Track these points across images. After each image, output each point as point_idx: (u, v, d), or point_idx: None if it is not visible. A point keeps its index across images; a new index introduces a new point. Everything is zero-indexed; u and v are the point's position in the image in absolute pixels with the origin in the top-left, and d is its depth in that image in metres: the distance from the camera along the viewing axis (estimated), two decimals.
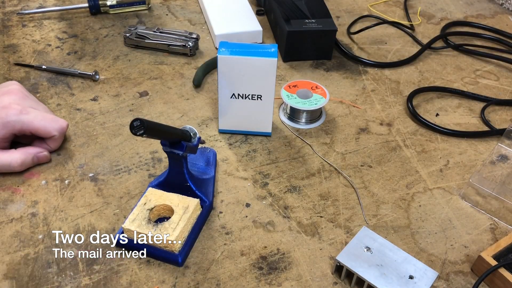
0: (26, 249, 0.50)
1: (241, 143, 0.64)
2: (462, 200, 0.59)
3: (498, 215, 0.57)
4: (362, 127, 0.68)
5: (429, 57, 0.83)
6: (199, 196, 0.53)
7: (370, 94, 0.74)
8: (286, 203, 0.57)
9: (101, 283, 0.48)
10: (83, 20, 0.85)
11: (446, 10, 0.96)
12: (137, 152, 0.62)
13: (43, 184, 0.57)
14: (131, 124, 0.44)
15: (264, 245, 0.52)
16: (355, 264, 0.48)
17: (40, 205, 0.55)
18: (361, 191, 0.59)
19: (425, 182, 0.61)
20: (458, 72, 0.81)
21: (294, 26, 0.76)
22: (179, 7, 0.91)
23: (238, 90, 0.60)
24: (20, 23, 0.84)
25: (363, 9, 0.94)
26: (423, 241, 0.54)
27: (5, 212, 0.54)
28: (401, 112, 0.71)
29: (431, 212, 0.57)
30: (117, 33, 0.82)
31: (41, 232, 0.52)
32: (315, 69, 0.78)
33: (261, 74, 0.58)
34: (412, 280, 0.47)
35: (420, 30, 0.90)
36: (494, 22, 0.93)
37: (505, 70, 0.82)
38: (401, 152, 0.65)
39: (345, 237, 0.54)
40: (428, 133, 0.68)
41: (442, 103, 0.74)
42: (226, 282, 0.48)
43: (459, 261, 0.52)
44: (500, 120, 0.71)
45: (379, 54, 0.83)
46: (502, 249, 0.51)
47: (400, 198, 0.59)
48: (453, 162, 0.64)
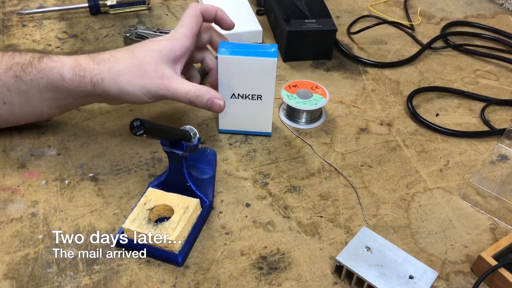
0: (26, 249, 0.50)
1: (241, 143, 0.64)
2: (462, 200, 0.59)
3: (498, 215, 0.57)
4: (362, 127, 0.68)
5: (429, 57, 0.83)
6: (199, 196, 0.53)
7: (370, 94, 0.74)
8: (286, 203, 0.57)
9: (101, 283, 0.48)
10: (83, 20, 0.85)
11: (446, 10, 0.96)
12: (137, 152, 0.62)
13: (43, 184, 0.57)
14: (131, 124, 0.44)
15: (264, 245, 0.52)
16: (355, 264, 0.48)
17: (40, 205, 0.55)
18: (361, 191, 0.59)
19: (425, 182, 0.61)
20: (458, 72, 0.81)
21: (294, 26, 0.76)
22: (179, 7, 0.91)
23: (238, 90, 0.60)
24: (20, 23, 0.84)
25: (363, 9, 0.94)
26: (423, 241, 0.54)
27: (5, 212, 0.54)
28: (401, 112, 0.71)
29: (431, 212, 0.57)
30: (117, 33, 0.82)
31: (41, 232, 0.52)
32: (315, 69, 0.78)
33: (261, 74, 0.58)
34: (412, 280, 0.47)
35: (420, 30, 0.90)
36: (494, 22, 0.93)
37: (505, 70, 0.82)
38: (401, 152, 0.65)
39: (345, 237, 0.54)
40: (428, 133, 0.68)
41: (442, 103, 0.74)
42: (226, 282, 0.48)
43: (459, 261, 0.52)
44: (500, 120, 0.71)
45: (379, 54, 0.83)
46: (502, 249, 0.51)
47: (400, 198, 0.59)
48: (453, 162, 0.64)
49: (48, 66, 0.53)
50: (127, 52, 0.54)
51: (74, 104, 0.58)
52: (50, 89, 0.53)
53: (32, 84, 0.53)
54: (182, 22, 0.57)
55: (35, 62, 0.53)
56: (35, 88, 0.53)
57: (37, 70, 0.53)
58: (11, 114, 0.57)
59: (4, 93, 0.54)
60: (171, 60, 0.55)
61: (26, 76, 0.53)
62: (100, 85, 0.52)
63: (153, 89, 0.53)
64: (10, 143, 0.61)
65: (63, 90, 0.53)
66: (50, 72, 0.53)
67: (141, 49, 0.54)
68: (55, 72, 0.52)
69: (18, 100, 0.55)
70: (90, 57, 0.54)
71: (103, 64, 0.53)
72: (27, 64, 0.53)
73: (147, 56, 0.53)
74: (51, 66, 0.53)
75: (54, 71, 0.52)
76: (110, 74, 0.52)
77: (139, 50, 0.54)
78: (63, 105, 0.57)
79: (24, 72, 0.53)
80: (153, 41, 0.56)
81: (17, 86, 0.53)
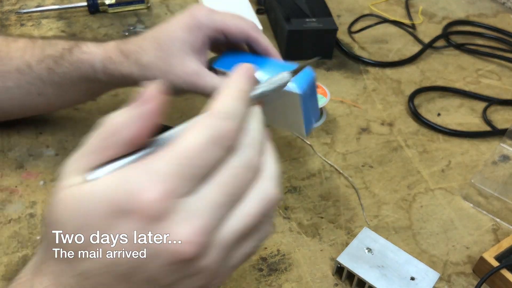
0: (25, 250, 0.50)
1: None
2: (464, 201, 0.59)
3: (500, 216, 0.57)
4: (363, 127, 0.68)
5: (430, 56, 0.83)
6: None
7: (371, 93, 0.74)
8: (286, 204, 0.56)
9: None
10: (82, 19, 0.85)
11: (448, 9, 0.96)
12: None
13: (41, 184, 0.57)
14: None
15: (264, 246, 0.52)
16: (356, 265, 0.47)
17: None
18: (362, 191, 0.59)
19: (426, 182, 0.61)
20: (460, 71, 0.80)
21: (294, 25, 0.76)
22: (178, 6, 0.90)
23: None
24: (19, 22, 0.83)
25: (364, 8, 0.94)
26: (424, 242, 0.54)
27: (3, 213, 0.53)
28: (403, 112, 0.71)
29: (433, 212, 0.57)
30: (116, 32, 0.82)
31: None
32: (316, 69, 0.78)
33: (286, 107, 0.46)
34: (414, 282, 0.47)
35: (422, 29, 0.89)
36: (496, 21, 0.93)
37: (507, 70, 0.81)
38: (403, 152, 0.64)
39: (346, 238, 0.53)
40: (430, 133, 0.68)
41: (443, 103, 0.74)
42: (226, 284, 0.48)
43: (460, 262, 0.52)
44: (502, 120, 0.71)
45: (380, 54, 0.82)
46: (504, 250, 0.51)
47: (401, 198, 0.58)
48: (454, 163, 0.64)
49: (80, 59, 0.53)
50: (152, 41, 0.52)
51: (108, 89, 0.59)
52: (83, 80, 0.54)
53: (66, 76, 0.54)
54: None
55: (66, 54, 0.54)
56: (68, 80, 0.54)
57: (69, 62, 0.53)
58: (47, 104, 0.58)
59: (38, 85, 0.55)
60: (196, 50, 0.50)
61: (59, 68, 0.54)
62: (130, 77, 0.52)
63: (179, 86, 0.50)
64: (8, 143, 0.61)
65: (97, 81, 0.54)
66: (82, 65, 0.53)
67: (167, 38, 0.51)
68: (87, 65, 0.53)
69: (53, 91, 0.55)
70: (118, 48, 0.53)
71: (131, 57, 0.52)
72: (59, 57, 0.54)
73: (172, 48, 0.50)
74: (83, 59, 0.53)
75: (85, 63, 0.53)
76: (138, 68, 0.51)
77: (165, 39, 0.51)
78: (98, 92, 0.58)
79: (57, 65, 0.54)
80: (178, 22, 0.51)
81: (51, 78, 0.54)
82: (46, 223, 0.27)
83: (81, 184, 0.25)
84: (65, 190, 0.25)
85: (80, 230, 0.25)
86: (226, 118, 0.26)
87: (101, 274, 0.26)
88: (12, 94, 0.55)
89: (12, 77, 0.54)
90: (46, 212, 0.26)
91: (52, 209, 0.26)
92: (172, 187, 0.24)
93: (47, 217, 0.26)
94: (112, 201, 0.24)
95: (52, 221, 0.26)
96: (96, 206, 0.24)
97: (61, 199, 0.25)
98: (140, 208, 0.23)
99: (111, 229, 0.24)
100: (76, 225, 0.25)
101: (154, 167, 0.24)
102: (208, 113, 0.26)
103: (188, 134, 0.25)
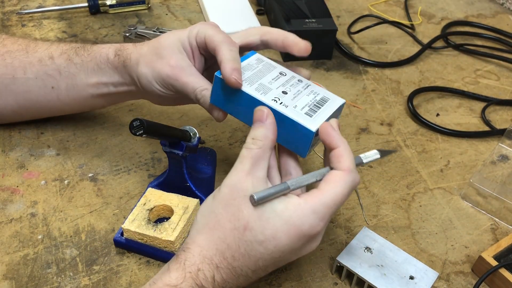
0: (26, 249, 0.50)
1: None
2: (463, 200, 0.59)
3: (498, 215, 0.57)
4: (363, 127, 0.68)
5: (429, 56, 0.83)
6: (199, 196, 0.53)
7: (371, 94, 0.74)
8: None
9: (100, 284, 0.48)
10: (83, 20, 0.85)
11: (447, 9, 0.96)
12: (136, 152, 0.61)
13: (42, 184, 0.57)
14: (130, 124, 0.44)
15: None
16: (355, 264, 0.48)
17: (40, 205, 0.54)
18: (361, 191, 0.59)
19: (425, 182, 0.61)
20: (458, 72, 0.80)
21: (294, 26, 0.76)
22: (179, 7, 0.91)
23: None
24: (20, 23, 0.83)
25: (363, 9, 0.94)
26: (423, 242, 0.54)
27: (5, 212, 0.54)
28: (402, 112, 0.71)
29: (432, 212, 0.57)
30: (116, 33, 0.82)
31: (41, 233, 0.52)
32: (315, 69, 0.78)
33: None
34: (413, 281, 0.47)
35: (421, 30, 0.90)
36: (494, 22, 0.93)
37: (505, 70, 0.81)
38: (402, 152, 0.65)
39: (345, 238, 0.54)
40: (429, 133, 0.68)
41: (442, 103, 0.74)
42: None
43: (459, 262, 0.52)
44: (500, 120, 0.71)
45: (380, 54, 0.83)
46: (502, 249, 0.51)
47: (400, 198, 0.58)
48: (453, 162, 0.64)
49: (98, 48, 0.56)
50: (154, 39, 0.54)
51: (114, 95, 0.57)
52: (96, 72, 0.55)
53: (82, 66, 0.56)
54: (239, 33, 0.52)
55: (87, 45, 0.57)
56: (83, 71, 0.56)
57: (88, 52, 0.56)
58: (57, 100, 0.58)
59: (55, 77, 0.56)
60: (188, 51, 0.51)
61: (78, 58, 0.56)
62: (128, 65, 0.53)
63: (164, 76, 0.50)
64: (9, 143, 0.61)
65: (106, 73, 0.55)
66: (98, 54, 0.55)
67: (168, 34, 0.53)
68: (103, 54, 0.55)
69: (65, 86, 0.57)
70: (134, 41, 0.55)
71: (136, 46, 0.54)
72: (81, 47, 0.57)
73: (167, 41, 0.51)
74: (101, 48, 0.56)
75: (102, 52, 0.55)
76: (135, 55, 0.53)
77: (165, 35, 0.52)
78: (105, 93, 0.57)
79: (76, 55, 0.56)
80: (180, 30, 0.53)
81: (67, 70, 0.56)
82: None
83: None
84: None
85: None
86: (355, 172, 0.41)
87: (268, 266, 0.41)
88: (29, 86, 0.57)
89: (33, 69, 0.57)
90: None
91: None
92: (326, 222, 0.40)
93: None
94: (302, 229, 0.39)
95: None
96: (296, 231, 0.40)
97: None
98: (312, 235, 0.40)
99: (299, 244, 0.40)
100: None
101: (318, 210, 0.39)
102: (346, 171, 0.41)
103: (337, 186, 0.40)
